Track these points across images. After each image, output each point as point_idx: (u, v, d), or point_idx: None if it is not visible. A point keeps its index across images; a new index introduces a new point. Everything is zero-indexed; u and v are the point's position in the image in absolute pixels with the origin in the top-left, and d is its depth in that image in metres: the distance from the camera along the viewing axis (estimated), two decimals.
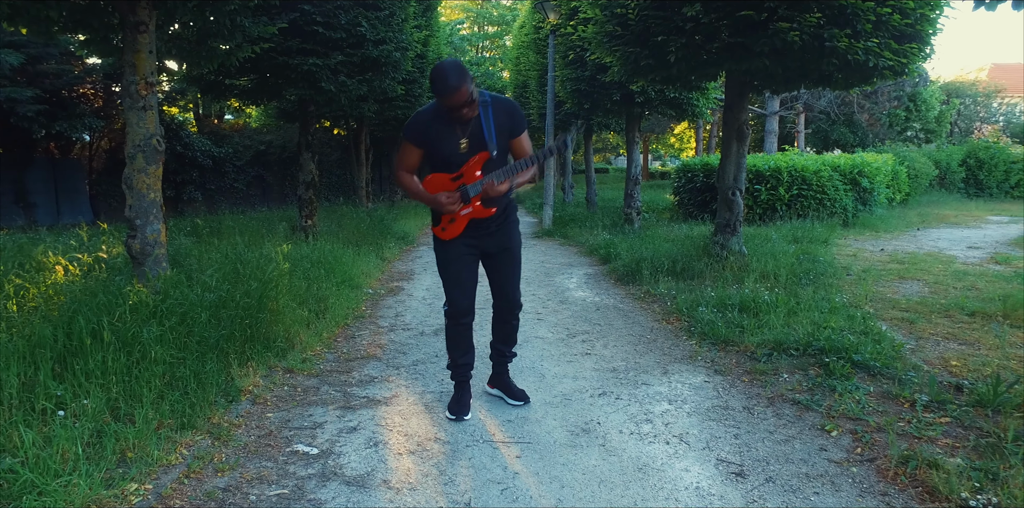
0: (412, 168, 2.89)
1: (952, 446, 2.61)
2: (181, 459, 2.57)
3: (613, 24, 5.88)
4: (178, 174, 15.42)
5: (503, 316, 3.14)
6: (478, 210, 2.85)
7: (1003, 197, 16.65)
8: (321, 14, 7.28)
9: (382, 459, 2.66)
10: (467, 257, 2.95)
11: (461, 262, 2.94)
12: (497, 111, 2.77)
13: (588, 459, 2.63)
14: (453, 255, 2.94)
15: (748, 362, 3.76)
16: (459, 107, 2.62)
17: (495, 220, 2.93)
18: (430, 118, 2.77)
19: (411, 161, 2.87)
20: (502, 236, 2.97)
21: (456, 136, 2.76)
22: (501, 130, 2.78)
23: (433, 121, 2.76)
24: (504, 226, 2.97)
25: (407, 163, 2.87)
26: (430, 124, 2.76)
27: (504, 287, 3.05)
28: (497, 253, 2.99)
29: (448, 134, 2.75)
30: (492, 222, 2.93)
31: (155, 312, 3.43)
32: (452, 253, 2.94)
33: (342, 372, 3.78)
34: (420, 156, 2.85)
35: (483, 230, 2.93)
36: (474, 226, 2.90)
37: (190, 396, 3.00)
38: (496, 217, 2.92)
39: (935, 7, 5.28)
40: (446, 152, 2.77)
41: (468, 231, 2.91)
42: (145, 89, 4.16)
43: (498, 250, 2.98)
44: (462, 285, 2.95)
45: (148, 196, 4.33)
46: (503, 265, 3.01)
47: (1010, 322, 4.43)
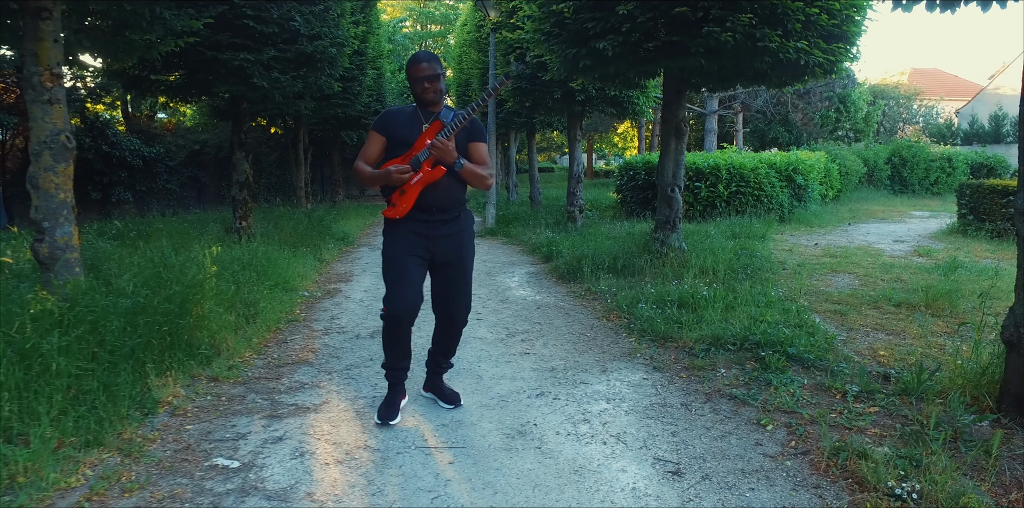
0: (371, 160, 2.90)
1: (880, 435, 2.65)
2: (83, 480, 2.37)
3: (550, 23, 5.84)
4: (105, 175, 14.66)
5: (445, 329, 3.04)
6: (427, 174, 2.77)
7: (924, 193, 17.50)
8: (252, 7, 6.99)
9: (307, 470, 2.52)
10: (415, 257, 2.82)
11: (407, 262, 2.81)
12: (458, 115, 2.83)
13: (523, 462, 2.55)
14: (401, 250, 2.82)
15: (686, 358, 3.76)
16: (423, 79, 2.77)
17: (449, 212, 2.85)
18: (397, 109, 2.93)
19: (372, 151, 2.89)
20: (456, 244, 2.88)
21: (419, 123, 2.84)
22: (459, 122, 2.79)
23: (400, 112, 2.91)
24: (460, 233, 2.90)
25: (367, 154, 2.90)
26: (397, 114, 2.90)
27: (450, 304, 2.95)
28: (447, 264, 2.88)
29: (412, 121, 2.85)
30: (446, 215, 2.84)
31: (61, 321, 3.18)
32: (400, 248, 2.82)
33: (271, 379, 3.60)
34: (382, 146, 2.88)
35: (436, 226, 2.83)
36: (424, 211, 2.80)
37: (98, 410, 2.78)
38: (450, 208, 2.84)
39: (859, 9, 5.45)
40: (406, 133, 2.82)
41: (418, 222, 2.81)
42: (50, 81, 3.87)
43: (449, 260, 2.87)
44: (404, 285, 2.78)
45: (57, 196, 4.03)
46: (451, 279, 2.91)
47: (931, 312, 4.60)
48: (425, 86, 2.80)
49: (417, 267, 2.82)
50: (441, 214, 2.84)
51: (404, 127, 2.85)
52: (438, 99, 2.85)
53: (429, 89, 2.81)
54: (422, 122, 2.85)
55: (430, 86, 2.80)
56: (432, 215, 2.83)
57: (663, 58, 5.41)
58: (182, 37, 5.42)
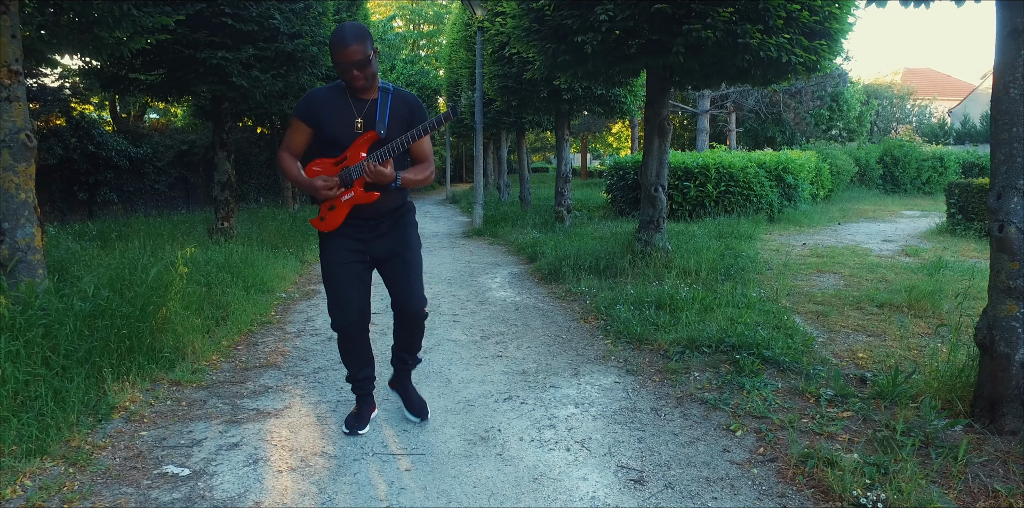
0: (296, 150, 2.63)
1: (850, 441, 2.58)
2: (21, 492, 2.28)
3: (529, 19, 5.77)
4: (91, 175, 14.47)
5: (404, 324, 2.79)
6: (360, 195, 2.53)
7: (916, 193, 17.47)
8: (230, 5, 6.89)
9: (259, 478, 2.44)
10: (353, 264, 2.62)
11: (344, 269, 2.62)
12: (397, 100, 2.57)
13: (482, 470, 2.47)
14: (335, 259, 2.62)
15: (661, 361, 3.69)
16: (351, 66, 2.40)
17: (385, 218, 2.63)
18: (324, 95, 2.56)
19: (296, 141, 2.61)
20: (395, 240, 2.66)
21: (351, 115, 2.53)
22: (397, 118, 2.56)
23: (327, 99, 2.55)
24: (397, 229, 2.67)
25: (291, 143, 2.62)
26: (324, 101, 2.54)
27: (401, 296, 2.69)
28: (389, 258, 2.67)
29: (342, 113, 2.53)
30: (382, 221, 2.63)
31: (12, 325, 3.08)
32: (334, 257, 2.62)
33: (235, 383, 3.51)
34: (308, 137, 2.60)
35: (371, 230, 2.62)
36: (359, 219, 2.59)
37: (45, 417, 2.69)
38: (386, 215, 2.63)
39: (842, 6, 5.38)
40: (337, 131, 2.53)
41: (352, 227, 2.60)
42: (8, 78, 3.77)
43: (389, 255, 2.66)
44: (343, 296, 2.62)
45: (18, 197, 3.93)
46: (398, 272, 2.68)
47: (914, 312, 4.53)
48: (354, 73, 2.43)
49: (356, 276, 2.63)
50: (375, 221, 2.63)
51: (334, 121, 2.53)
52: (370, 85, 2.51)
53: (359, 77, 2.44)
54: (355, 115, 2.53)
55: (359, 73, 2.43)
56: (367, 222, 2.61)
57: (644, 56, 5.34)
58: (153, 34, 5.33)
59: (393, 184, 2.50)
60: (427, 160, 2.69)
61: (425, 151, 2.68)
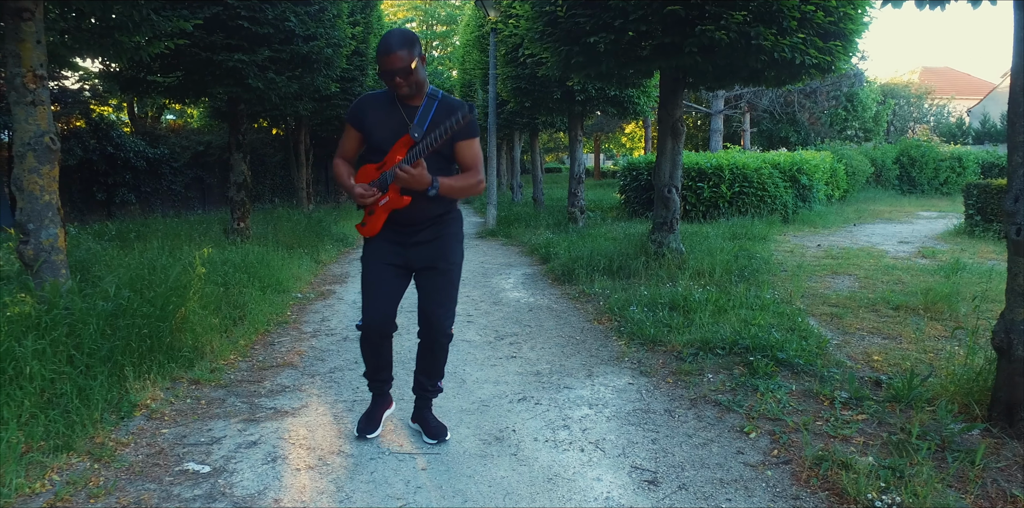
0: (348, 155, 2.67)
1: (865, 444, 2.58)
2: (49, 486, 2.33)
3: (543, 22, 5.79)
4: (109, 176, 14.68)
5: (427, 344, 2.71)
6: (394, 200, 2.51)
7: (933, 193, 17.28)
8: (246, 8, 6.96)
9: (278, 476, 2.48)
10: (389, 268, 2.60)
11: (381, 272, 2.60)
12: (442, 107, 2.52)
13: (497, 470, 2.50)
14: (373, 263, 2.61)
15: (674, 362, 3.69)
16: (394, 73, 2.40)
17: (425, 226, 2.58)
18: (373, 100, 2.59)
19: (348, 146, 2.66)
20: (435, 250, 2.60)
21: (398, 119, 2.52)
22: (437, 125, 2.45)
23: (376, 104, 2.57)
24: (439, 239, 2.61)
25: (343, 148, 2.67)
26: (372, 107, 2.56)
27: (430, 312, 2.62)
28: (425, 269, 2.61)
29: (388, 118, 2.53)
30: (421, 228, 2.58)
31: (38, 324, 3.15)
32: (374, 259, 2.62)
33: (253, 382, 3.57)
34: (358, 142, 2.63)
35: (410, 235, 2.58)
36: (398, 224, 2.57)
37: (71, 414, 2.75)
38: (426, 222, 2.58)
39: (857, 6, 5.35)
40: (381, 136, 2.53)
41: (391, 231, 2.58)
42: (33, 82, 3.84)
43: (426, 266, 2.60)
44: (375, 297, 2.60)
45: (42, 198, 4.01)
46: (432, 285, 2.62)
47: (930, 315, 4.50)
48: (397, 81, 2.41)
49: (393, 277, 2.61)
50: (415, 227, 2.59)
51: (381, 125, 2.53)
52: (415, 92, 2.49)
53: (402, 84, 2.43)
54: (400, 121, 2.51)
55: (403, 81, 2.42)
56: (405, 229, 2.59)
57: (657, 57, 5.34)
58: (172, 38, 5.40)
59: (430, 190, 2.41)
60: (474, 168, 2.57)
61: (470, 158, 2.56)
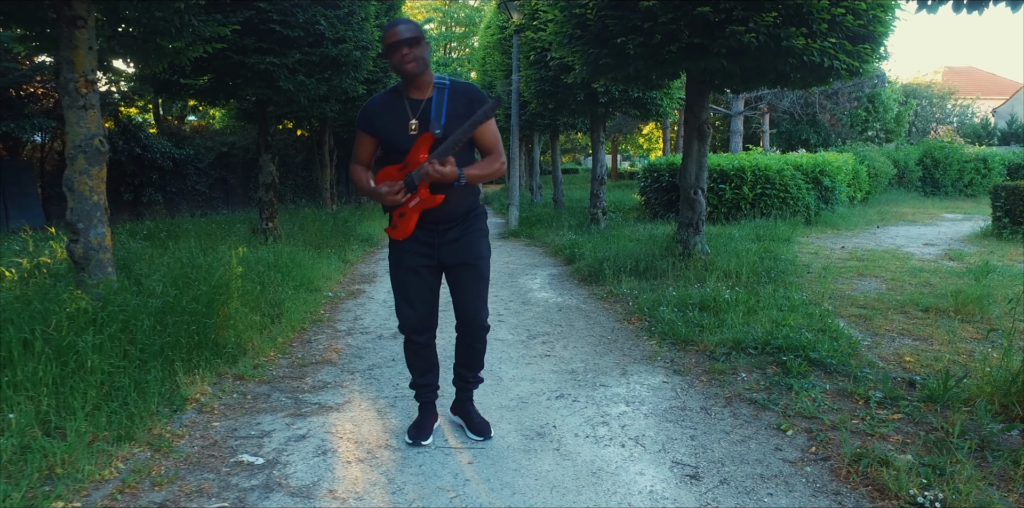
0: (364, 160, 2.68)
1: (903, 443, 2.62)
2: (116, 473, 2.45)
3: (572, 25, 5.85)
4: (136, 176, 15.00)
5: (464, 338, 2.76)
6: (425, 199, 2.51)
7: (957, 195, 17.10)
8: (278, 12, 7.12)
9: (330, 468, 2.57)
10: (421, 269, 2.62)
11: (411, 273, 2.62)
12: (454, 94, 2.50)
13: (541, 464, 2.57)
14: (404, 265, 2.62)
15: (707, 362, 3.75)
16: (399, 44, 2.38)
17: (455, 223, 2.60)
18: (380, 103, 2.58)
19: (362, 152, 2.67)
20: (464, 246, 2.61)
21: (405, 117, 2.50)
22: (455, 114, 2.47)
23: (383, 106, 2.56)
24: (467, 235, 2.62)
25: (358, 155, 2.69)
26: (380, 109, 2.56)
27: (464, 306, 2.67)
28: (458, 266, 2.63)
29: (398, 118, 2.52)
30: (452, 225, 2.59)
31: (94, 319, 3.28)
32: (404, 263, 2.62)
33: (295, 378, 3.67)
34: (372, 147, 2.63)
35: (441, 235, 2.59)
36: (429, 222, 2.57)
37: (130, 406, 2.86)
38: (456, 218, 2.59)
39: (887, 9, 5.37)
40: (395, 137, 2.52)
41: (423, 232, 2.58)
42: (85, 87, 3.99)
43: (459, 263, 2.62)
44: (410, 300, 2.64)
45: (91, 199, 4.16)
46: (464, 281, 2.65)
47: (961, 317, 4.51)
48: (404, 52, 2.38)
49: (423, 281, 2.64)
50: (446, 224, 2.59)
51: (391, 127, 2.53)
52: (422, 69, 2.44)
53: (408, 55, 2.39)
54: (408, 118, 2.49)
55: (409, 52, 2.39)
56: (437, 227, 2.59)
57: (685, 59, 5.39)
58: (210, 43, 5.55)
59: (457, 183, 2.45)
60: (495, 150, 2.58)
61: (490, 141, 2.57)
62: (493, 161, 2.56)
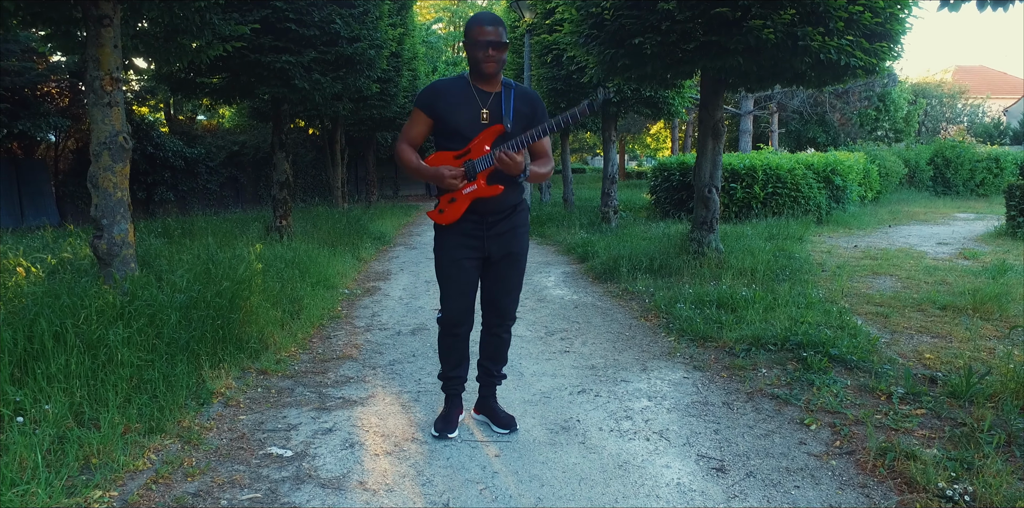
0: (415, 141, 2.61)
1: (928, 437, 2.63)
2: (149, 464, 2.48)
3: (588, 25, 5.87)
4: (149, 175, 15.11)
5: (493, 329, 2.80)
6: (482, 188, 2.51)
7: (969, 195, 17.02)
8: (294, 11, 7.17)
9: (358, 460, 2.60)
10: (467, 261, 2.63)
11: (459, 265, 2.62)
12: (519, 96, 2.55)
13: (568, 457, 2.60)
14: (453, 258, 2.62)
15: (727, 358, 3.76)
16: (489, 44, 2.40)
17: (504, 216, 2.61)
18: (448, 85, 2.55)
19: (416, 132, 2.60)
20: (511, 239, 2.64)
21: (476, 106, 2.50)
22: (520, 113, 2.54)
23: (451, 90, 2.54)
24: (514, 228, 2.65)
25: (411, 134, 2.61)
26: (447, 92, 2.53)
27: (500, 298, 2.72)
28: (501, 259, 2.65)
29: (467, 103, 2.51)
30: (501, 217, 2.61)
31: (122, 314, 3.33)
32: (453, 256, 2.62)
33: (317, 373, 3.71)
34: (428, 128, 2.59)
35: (489, 227, 2.60)
36: (478, 213, 2.57)
37: (159, 399, 2.90)
38: (505, 211, 2.61)
39: (904, 6, 5.36)
40: (463, 121, 2.50)
41: (470, 222, 2.59)
42: (110, 85, 4.04)
43: (503, 254, 2.64)
44: (460, 290, 2.64)
45: (115, 195, 4.21)
46: (505, 273, 2.68)
47: (980, 315, 4.50)
48: (490, 53, 2.41)
49: (471, 270, 2.65)
50: (494, 216, 2.61)
51: (459, 112, 2.50)
52: (499, 71, 2.48)
53: (493, 57, 2.42)
54: (479, 107, 2.49)
55: (495, 53, 2.42)
56: (485, 218, 2.60)
57: (701, 58, 5.40)
58: (229, 41, 5.60)
59: (521, 176, 2.48)
60: (547, 155, 2.66)
61: (546, 147, 2.65)
62: (547, 163, 2.65)
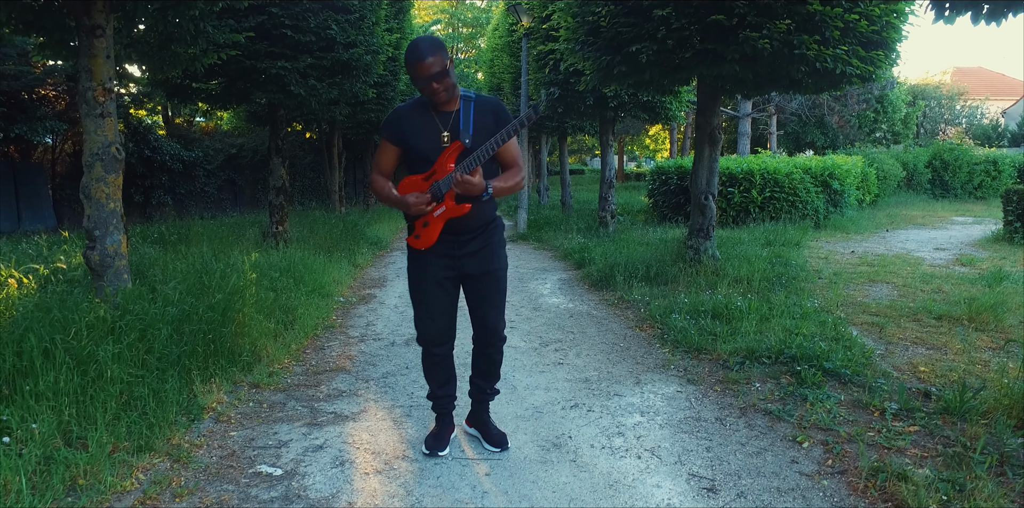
0: (386, 170, 2.64)
1: (921, 456, 2.61)
2: (137, 484, 2.47)
3: (584, 32, 5.86)
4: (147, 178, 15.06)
5: (486, 349, 2.77)
6: (452, 208, 2.50)
7: (967, 197, 17.02)
8: (290, 17, 7.15)
9: (348, 479, 2.59)
10: (443, 280, 2.61)
11: (434, 285, 2.61)
12: (480, 108, 2.53)
13: (559, 476, 2.58)
14: (426, 277, 2.61)
15: (721, 371, 3.75)
16: (429, 79, 2.38)
17: (477, 233, 2.60)
18: (407, 112, 2.58)
19: (386, 161, 2.63)
20: (485, 257, 2.61)
21: (436, 129, 2.51)
22: (481, 126, 2.50)
23: (410, 115, 2.56)
24: (488, 246, 2.63)
25: (382, 164, 2.64)
26: (406, 118, 2.56)
27: (485, 316, 2.68)
28: (478, 276, 2.62)
29: (427, 127, 2.52)
30: (474, 236, 2.59)
31: (113, 328, 3.31)
32: (425, 273, 2.61)
33: (310, 386, 3.69)
34: (396, 156, 2.61)
35: (463, 246, 2.59)
36: (451, 233, 2.56)
37: (149, 416, 2.89)
38: (478, 229, 2.59)
39: (900, 15, 5.35)
40: (424, 146, 2.51)
41: (445, 243, 2.57)
42: (103, 95, 4.02)
43: (479, 272, 2.62)
44: (431, 312, 2.64)
45: (107, 206, 4.19)
46: (484, 291, 2.65)
47: (975, 326, 4.49)
48: (434, 87, 2.41)
49: (444, 293, 2.64)
50: (468, 235, 2.60)
51: (420, 135, 2.52)
52: (451, 96, 2.48)
53: (439, 89, 2.42)
54: (440, 130, 2.50)
55: (439, 86, 2.41)
56: (459, 238, 2.59)
57: (698, 65, 5.39)
58: (224, 50, 5.58)
59: (484, 194, 2.46)
60: (516, 165, 2.62)
61: (513, 155, 2.60)
62: (515, 174, 2.59)
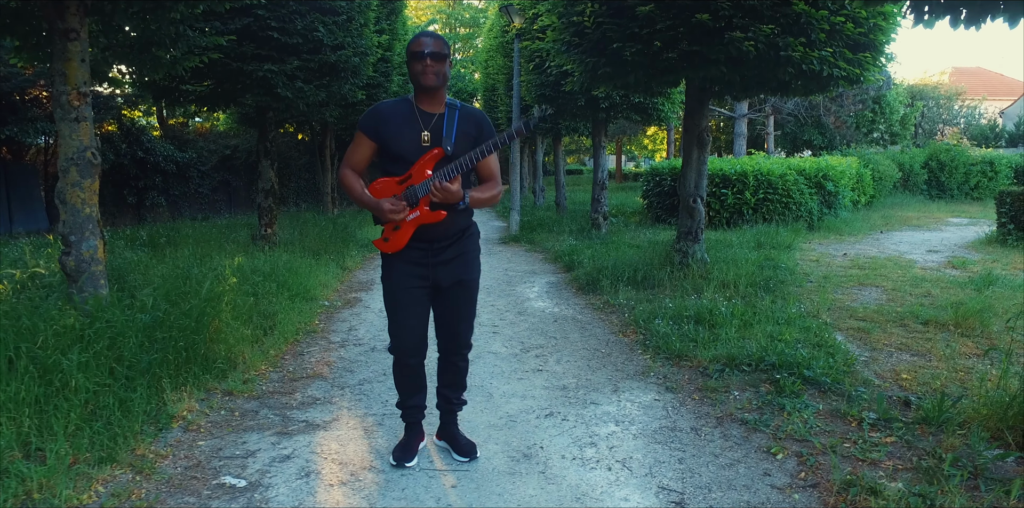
0: (359, 166, 2.56)
1: (894, 469, 2.57)
2: (95, 497, 2.42)
3: (570, 33, 5.82)
4: (140, 180, 15.02)
5: (450, 357, 2.74)
6: (425, 215, 2.45)
7: (963, 198, 16.97)
8: (276, 19, 7.11)
9: (312, 491, 2.55)
10: (415, 290, 2.55)
11: (408, 295, 2.55)
12: (464, 117, 2.50)
13: (526, 488, 2.54)
14: (400, 287, 2.55)
15: (700, 378, 3.70)
16: (426, 55, 2.36)
17: (450, 242, 2.55)
18: (390, 109, 2.50)
19: (359, 157, 2.55)
20: (459, 266, 2.58)
21: (417, 129, 2.45)
22: (464, 135, 2.48)
23: (392, 111, 2.49)
24: (462, 255, 2.59)
25: (355, 159, 2.55)
26: (388, 113, 2.48)
27: (454, 326, 2.66)
28: (451, 286, 2.58)
29: (408, 126, 2.46)
30: (447, 244, 2.54)
31: (82, 336, 3.26)
32: (399, 284, 2.55)
33: (285, 393, 3.65)
34: (371, 152, 2.53)
35: (436, 254, 2.53)
36: (424, 240, 2.50)
37: (113, 426, 2.84)
38: (451, 237, 2.54)
39: (888, 17, 5.31)
40: (404, 146, 2.44)
41: (416, 250, 2.52)
42: (77, 99, 3.98)
43: (452, 282, 2.57)
44: (406, 321, 2.58)
45: (83, 211, 4.15)
46: (456, 301, 2.62)
47: (961, 331, 4.45)
48: (427, 63, 2.37)
49: (417, 301, 2.58)
50: (441, 242, 2.55)
51: (401, 134, 2.46)
52: (440, 84, 2.43)
53: (430, 68, 2.38)
54: (421, 129, 2.45)
55: (432, 64, 2.37)
56: (432, 245, 2.53)
57: (684, 67, 5.35)
58: (207, 53, 5.54)
59: (460, 204, 2.43)
60: (494, 179, 2.59)
61: (492, 169, 2.57)
62: (492, 187, 2.57)
